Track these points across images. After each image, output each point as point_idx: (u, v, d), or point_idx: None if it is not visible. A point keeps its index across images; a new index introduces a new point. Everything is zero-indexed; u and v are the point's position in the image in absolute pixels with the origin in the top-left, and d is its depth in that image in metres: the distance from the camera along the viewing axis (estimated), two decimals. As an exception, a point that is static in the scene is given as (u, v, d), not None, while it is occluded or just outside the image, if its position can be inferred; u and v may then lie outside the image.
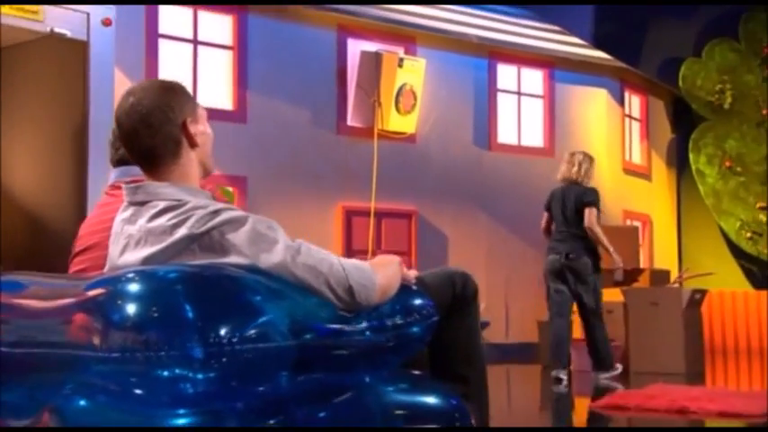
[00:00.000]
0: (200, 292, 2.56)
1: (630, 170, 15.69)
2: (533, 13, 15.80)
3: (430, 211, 13.45)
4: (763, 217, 15.95)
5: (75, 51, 8.87)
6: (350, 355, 2.94)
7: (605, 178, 14.66)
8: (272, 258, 2.78)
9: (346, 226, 12.79)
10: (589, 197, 8.99)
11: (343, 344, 2.90)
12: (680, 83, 16.17)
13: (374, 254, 12.45)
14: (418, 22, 13.58)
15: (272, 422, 2.72)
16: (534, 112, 14.65)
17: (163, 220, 2.84)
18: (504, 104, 14.32)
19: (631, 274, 11.78)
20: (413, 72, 12.54)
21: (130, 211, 2.95)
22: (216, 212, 2.81)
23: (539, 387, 10.35)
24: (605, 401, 7.36)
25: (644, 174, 16.19)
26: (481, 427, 3.58)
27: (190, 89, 9.92)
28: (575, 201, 9.02)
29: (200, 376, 2.47)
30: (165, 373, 2.44)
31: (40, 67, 9.12)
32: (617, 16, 16.17)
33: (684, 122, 16.66)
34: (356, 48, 12.72)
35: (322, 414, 2.89)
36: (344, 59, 12.78)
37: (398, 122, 12.56)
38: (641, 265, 14.04)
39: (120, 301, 2.55)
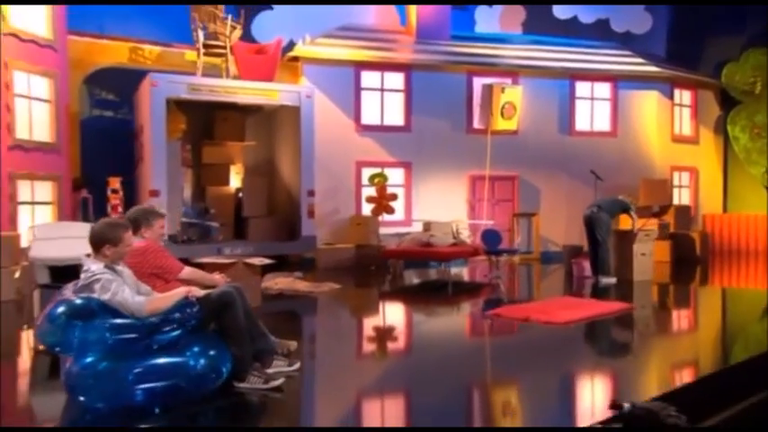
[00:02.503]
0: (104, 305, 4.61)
1: (678, 139, 17.84)
2: (616, 42, 18.28)
3: (528, 174, 16.55)
4: (780, 165, 18.14)
5: (293, 114, 13.05)
6: (172, 328, 4.80)
7: (655, 145, 17.29)
8: (104, 297, 4.56)
9: (472, 186, 16.28)
10: (632, 208, 11.99)
11: (168, 324, 4.77)
12: (723, 79, 18.45)
13: (488, 202, 16.18)
14: (520, 63, 16.76)
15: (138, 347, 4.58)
16: (603, 109, 17.13)
17: (82, 275, 4.69)
18: (581, 106, 17.02)
19: (663, 209, 14.29)
20: (512, 95, 15.91)
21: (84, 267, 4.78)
22: (93, 275, 4.59)
23: (544, 280, 13.26)
24: (495, 311, 7.97)
25: (692, 140, 18.27)
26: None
27: (378, 117, 16.36)
28: (620, 202, 11.96)
29: (112, 336, 4.56)
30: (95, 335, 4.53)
31: (281, 122, 13.72)
32: (683, 37, 18.66)
33: (727, 105, 18.62)
34: (479, 82, 16.13)
35: (166, 348, 4.70)
36: (471, 90, 16.28)
37: (504, 124, 15.93)
38: (672, 203, 16.59)
39: (60, 305, 4.62)
